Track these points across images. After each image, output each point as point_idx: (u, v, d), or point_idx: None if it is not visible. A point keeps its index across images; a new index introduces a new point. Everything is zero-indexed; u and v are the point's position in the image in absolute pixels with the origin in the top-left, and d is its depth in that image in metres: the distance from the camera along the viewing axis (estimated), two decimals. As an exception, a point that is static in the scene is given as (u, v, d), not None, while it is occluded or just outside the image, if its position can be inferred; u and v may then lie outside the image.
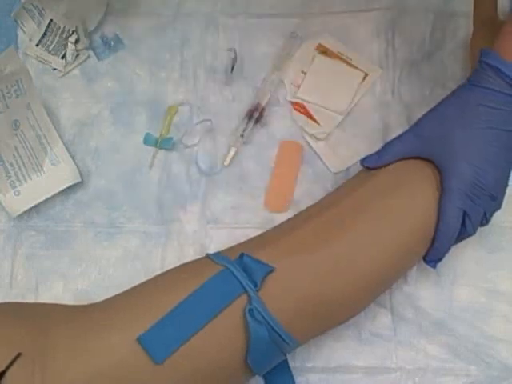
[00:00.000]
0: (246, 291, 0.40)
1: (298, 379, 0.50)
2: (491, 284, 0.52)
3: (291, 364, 0.50)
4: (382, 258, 0.43)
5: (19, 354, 0.36)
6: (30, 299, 0.53)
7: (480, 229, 0.45)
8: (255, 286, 0.40)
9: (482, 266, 0.53)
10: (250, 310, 0.39)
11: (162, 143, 0.57)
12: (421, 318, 0.51)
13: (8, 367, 0.36)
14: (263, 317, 0.39)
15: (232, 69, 0.59)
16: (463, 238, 0.45)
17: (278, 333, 0.40)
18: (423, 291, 0.52)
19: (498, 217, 0.46)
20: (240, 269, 0.41)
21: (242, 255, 0.42)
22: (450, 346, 0.51)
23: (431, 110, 0.46)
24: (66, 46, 0.60)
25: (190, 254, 0.54)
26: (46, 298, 0.53)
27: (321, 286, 0.42)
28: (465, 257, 0.53)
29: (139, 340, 0.38)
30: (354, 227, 0.43)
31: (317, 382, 0.50)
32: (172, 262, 0.46)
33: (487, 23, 0.53)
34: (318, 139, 0.57)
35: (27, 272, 0.54)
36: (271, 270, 0.41)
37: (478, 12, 0.54)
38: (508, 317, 0.51)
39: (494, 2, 0.53)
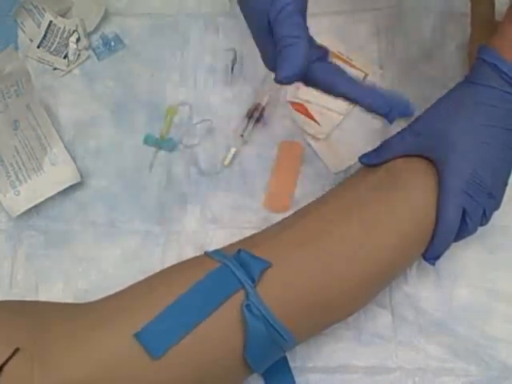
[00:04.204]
0: (243, 286, 0.40)
1: (298, 379, 0.50)
2: (491, 284, 0.52)
3: (291, 364, 0.50)
4: (381, 255, 0.43)
5: (17, 350, 0.36)
6: (30, 299, 0.53)
7: (480, 229, 0.46)
8: (252, 281, 0.40)
9: (482, 266, 0.53)
10: (248, 305, 0.39)
11: (163, 144, 0.57)
12: (421, 318, 0.51)
13: (5, 363, 0.36)
14: (260, 312, 0.39)
15: (232, 69, 0.59)
16: (463, 237, 0.45)
17: (275, 328, 0.40)
18: (423, 291, 0.52)
19: (498, 217, 0.46)
20: (237, 264, 0.41)
21: (239, 251, 0.42)
22: (450, 346, 0.51)
23: (429, 108, 0.46)
24: (67, 45, 0.60)
25: (190, 254, 0.53)
26: (45, 297, 0.53)
27: (318, 282, 0.42)
28: (465, 257, 0.53)
29: (137, 335, 0.38)
30: (352, 224, 0.43)
31: (317, 381, 0.50)
32: (172, 262, 0.46)
33: (484, 24, 0.53)
34: (317, 139, 0.57)
35: (27, 272, 0.54)
36: (268, 266, 0.41)
37: (475, 13, 0.54)
38: (508, 317, 0.51)
39: (491, 4, 0.53)
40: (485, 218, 0.44)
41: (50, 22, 0.60)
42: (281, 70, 0.37)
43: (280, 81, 0.37)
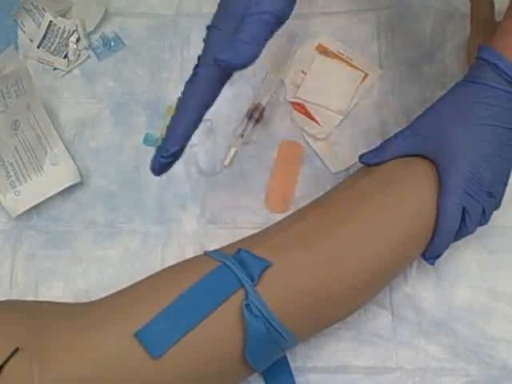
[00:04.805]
0: (243, 286, 0.40)
1: (298, 379, 0.50)
2: (491, 284, 0.52)
3: (291, 364, 0.50)
4: (380, 255, 0.43)
5: (17, 349, 0.36)
6: (30, 299, 0.53)
7: (480, 229, 0.46)
8: (252, 280, 0.40)
9: (482, 267, 0.53)
10: (247, 305, 0.39)
11: (163, 143, 0.57)
12: (421, 318, 0.51)
13: (6, 362, 0.36)
14: (260, 311, 0.39)
15: (232, 69, 0.59)
16: (462, 236, 0.45)
17: (275, 327, 0.40)
18: (423, 291, 0.52)
19: (498, 217, 0.46)
20: (237, 264, 0.41)
21: (239, 250, 0.42)
22: (450, 346, 0.51)
23: (429, 108, 0.46)
24: (67, 45, 0.60)
25: (190, 254, 0.53)
26: (45, 298, 0.53)
27: (318, 281, 0.42)
28: (465, 257, 0.53)
29: (137, 335, 0.38)
30: (352, 223, 0.43)
31: (317, 381, 0.50)
32: (172, 262, 0.46)
33: (484, 24, 0.53)
34: (317, 139, 0.57)
35: (27, 272, 0.54)
36: (268, 265, 0.41)
37: (475, 13, 0.54)
38: (508, 317, 0.51)
39: (490, 4, 0.53)
40: (484, 218, 0.44)
41: (50, 22, 0.60)
42: (225, 54, 0.38)
43: (216, 59, 0.39)
